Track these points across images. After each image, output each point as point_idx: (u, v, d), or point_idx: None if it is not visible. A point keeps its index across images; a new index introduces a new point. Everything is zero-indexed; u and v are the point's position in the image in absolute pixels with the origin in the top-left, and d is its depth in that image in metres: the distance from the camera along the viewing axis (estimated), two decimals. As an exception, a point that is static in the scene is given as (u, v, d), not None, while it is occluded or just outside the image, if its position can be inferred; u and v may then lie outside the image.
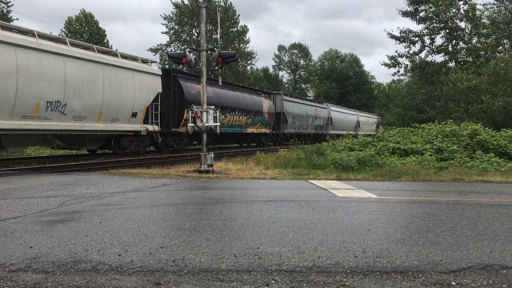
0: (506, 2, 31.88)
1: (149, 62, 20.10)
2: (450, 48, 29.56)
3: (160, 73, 20.46)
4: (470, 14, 28.06)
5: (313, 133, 38.22)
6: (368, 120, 58.99)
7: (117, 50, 18.88)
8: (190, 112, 12.21)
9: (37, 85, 13.94)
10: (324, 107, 43.90)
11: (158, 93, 19.89)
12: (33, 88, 13.83)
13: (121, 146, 18.85)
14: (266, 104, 30.91)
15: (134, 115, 18.39)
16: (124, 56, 18.41)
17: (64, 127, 15.24)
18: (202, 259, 3.92)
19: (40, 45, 14.02)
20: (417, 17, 30.08)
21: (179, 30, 51.68)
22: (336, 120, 45.47)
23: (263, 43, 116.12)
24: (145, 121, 19.32)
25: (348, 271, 3.66)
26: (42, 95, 14.17)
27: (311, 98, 62.14)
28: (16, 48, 13.26)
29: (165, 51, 50.66)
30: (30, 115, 13.95)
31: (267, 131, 31.24)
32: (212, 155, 12.21)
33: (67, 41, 15.63)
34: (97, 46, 17.62)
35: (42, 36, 14.59)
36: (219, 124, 12.48)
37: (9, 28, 13.72)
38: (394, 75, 40.61)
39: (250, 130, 28.59)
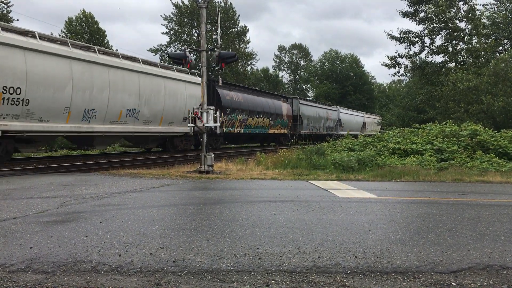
0: (507, 3, 31.89)
1: (195, 74, 23.41)
2: (450, 49, 29.56)
3: (200, 81, 22.74)
4: (470, 15, 28.06)
5: (324, 133, 41.11)
6: (372, 121, 60.69)
7: (174, 66, 21.60)
8: (190, 112, 12.21)
9: (121, 96, 17.69)
10: (334, 110, 46.82)
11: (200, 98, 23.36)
12: (118, 98, 17.53)
13: (174, 145, 22.36)
14: (284, 107, 34.11)
15: (185, 119, 21.13)
16: (179, 70, 22.02)
17: (137, 130, 19.04)
18: (202, 260, 3.91)
19: (123, 64, 17.90)
20: (417, 17, 30.08)
21: (179, 30, 51.70)
22: (344, 121, 48.38)
23: (262, 44, 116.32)
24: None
25: (348, 272, 3.66)
26: (124, 104, 17.96)
27: (316, 101, 63.51)
28: (109, 68, 16.99)
29: (165, 51, 50.68)
30: (115, 120, 17.66)
31: (286, 131, 34.26)
32: (212, 156, 12.21)
33: (140, 60, 19.59)
34: (160, 63, 22.12)
35: (124, 56, 18.55)
36: (219, 124, 12.48)
37: (104, 52, 17.66)
38: (394, 76, 40.72)
39: (272, 131, 31.91)
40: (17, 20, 35.51)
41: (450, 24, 28.54)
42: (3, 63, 12.82)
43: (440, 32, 29.46)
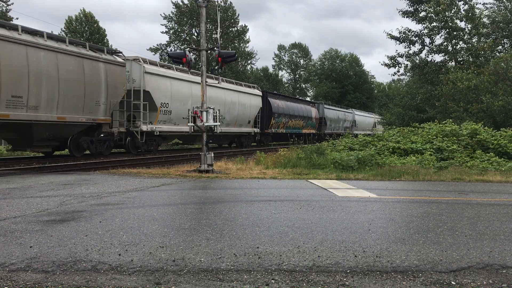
0: (506, 2, 31.86)
1: (255, 87, 31.07)
2: (449, 48, 29.55)
3: (261, 94, 30.90)
4: (470, 14, 28.05)
5: (343, 132, 45.00)
6: (380, 121, 62.80)
7: (242, 83, 28.95)
8: (189, 111, 12.21)
9: (220, 107, 22.17)
10: (350, 112, 53.67)
11: (260, 107, 30.34)
12: (215, 108, 23.71)
13: (240, 142, 28.94)
14: (313, 111, 40.96)
15: (249, 122, 29.13)
16: (246, 86, 29.60)
17: (222, 130, 23.33)
18: (202, 259, 3.92)
19: (222, 85, 25.19)
20: (417, 17, 30.06)
21: (179, 29, 51.66)
22: (358, 122, 55.14)
23: (262, 43, 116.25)
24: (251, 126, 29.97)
25: (348, 271, 3.66)
26: (220, 112, 22.99)
27: (336, 105, 66.25)
28: (211, 87, 21.66)
29: (165, 50, 50.66)
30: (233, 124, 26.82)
31: (314, 131, 40.88)
32: (212, 155, 12.20)
33: (224, 80, 26.83)
34: (235, 81, 29.29)
35: (213, 77, 24.02)
36: (219, 124, 12.48)
37: (209, 77, 22.17)
38: (393, 75, 40.77)
39: (304, 131, 37.93)
40: (17, 18, 35.36)
41: (450, 23, 28.52)
42: (161, 86, 20.40)
43: (440, 32, 29.45)
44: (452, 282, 3.43)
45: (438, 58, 36.97)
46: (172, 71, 21.40)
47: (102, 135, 18.26)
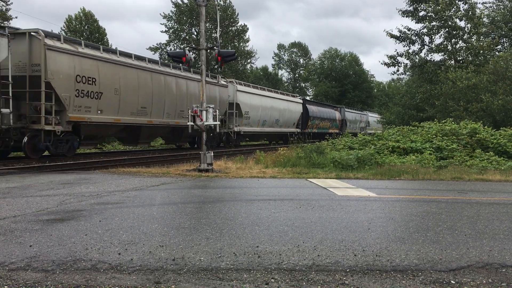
0: (506, 1, 31.86)
1: (298, 96, 41.23)
2: (449, 47, 29.54)
3: (302, 102, 39.03)
4: (470, 13, 28.04)
5: (359, 132, 50.14)
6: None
7: (290, 93, 38.97)
8: (189, 110, 12.20)
9: (275, 113, 32.74)
10: (364, 114, 61.04)
11: (301, 112, 38.03)
12: (274, 114, 32.68)
13: (288, 140, 29.38)
14: (337, 114, 48.43)
15: (293, 124, 36.76)
16: (292, 95, 39.05)
17: (275, 131, 34.18)
18: (202, 258, 3.92)
19: (279, 96, 34.68)
20: (417, 16, 30.04)
21: (179, 29, 51.63)
22: (371, 122, 60.97)
23: (261, 42, 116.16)
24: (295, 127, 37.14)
25: (347, 270, 3.66)
26: (276, 117, 32.96)
27: (355, 108, 69.38)
28: (274, 99, 32.76)
29: (165, 50, 50.64)
30: (271, 125, 32.42)
31: (337, 131, 46.40)
32: (212, 154, 12.20)
33: (279, 92, 37.50)
34: (284, 92, 39.85)
35: (273, 91, 35.53)
36: (219, 123, 12.48)
37: (272, 91, 35.25)
38: (393, 74, 40.82)
39: (330, 130, 44.15)
40: (16, 17, 35.43)
41: (449, 22, 28.51)
42: (245, 100, 28.19)
43: (440, 31, 29.44)
44: (452, 281, 3.44)
45: (437, 57, 37.00)
46: (249, 88, 30.12)
47: (211, 134, 20.36)
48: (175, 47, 50.18)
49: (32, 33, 14.39)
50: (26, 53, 14.21)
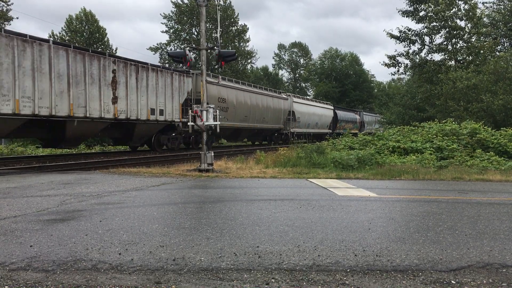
0: (506, 1, 31.83)
1: (329, 103, 48.29)
2: (449, 47, 29.54)
3: (333, 108, 47.29)
4: (471, 13, 28.04)
5: (373, 131, 51.51)
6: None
7: (325, 102, 48.53)
8: (190, 111, 12.20)
9: (315, 118, 41.14)
10: (378, 116, 68.52)
11: (332, 117, 46.15)
12: (315, 119, 41.44)
13: (323, 138, 32.34)
14: (357, 116, 56.69)
15: (327, 126, 44.52)
16: (327, 103, 47.00)
17: (316, 131, 41.09)
18: (202, 258, 3.92)
19: (319, 104, 43.73)
20: (417, 16, 30.04)
21: (179, 29, 51.65)
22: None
23: (260, 42, 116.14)
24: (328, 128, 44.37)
25: (348, 270, 3.66)
26: (316, 120, 41.53)
27: (371, 111, 73.49)
28: (318, 108, 42.54)
29: (165, 50, 50.65)
30: (313, 127, 40.77)
31: (357, 131, 51.41)
32: (212, 154, 12.20)
33: (318, 101, 46.43)
34: (320, 100, 48.27)
35: (315, 100, 45.47)
36: (219, 123, 12.48)
37: (317, 101, 45.98)
38: (393, 75, 40.91)
39: (352, 131, 48.98)
40: (17, 18, 35.38)
41: (449, 22, 28.51)
42: (298, 109, 37.46)
43: (440, 31, 29.44)
44: (452, 281, 3.44)
45: (438, 57, 37.00)
46: (300, 99, 40.39)
47: (276, 134, 34.72)
48: (175, 47, 50.20)
49: (197, 73, 23.03)
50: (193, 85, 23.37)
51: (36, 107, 14.26)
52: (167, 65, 34.82)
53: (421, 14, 29.97)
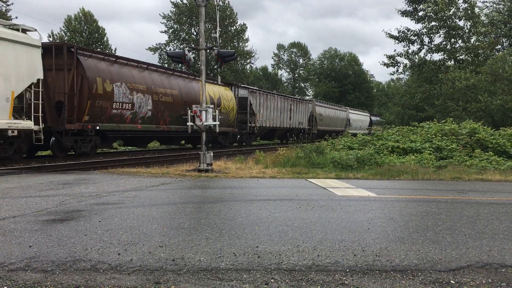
0: (505, 1, 31.87)
1: (344, 106, 54.67)
2: (448, 47, 29.57)
3: (346, 110, 52.74)
4: (470, 12, 28.07)
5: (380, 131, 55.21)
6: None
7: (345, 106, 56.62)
8: (189, 111, 12.20)
9: (334, 118, 48.65)
10: (378, 116, 74.11)
11: (348, 119, 52.14)
12: (332, 119, 48.05)
13: (338, 135, 34.91)
14: (368, 118, 61.88)
15: (341, 125, 48.76)
16: (340, 106, 55.33)
17: (332, 129, 42.24)
18: (202, 258, 3.92)
19: (336, 107, 51.61)
20: (416, 16, 30.08)
21: (178, 29, 51.63)
22: None
23: (258, 42, 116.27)
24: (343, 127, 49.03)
25: (347, 270, 3.66)
26: (334, 120, 48.21)
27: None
28: (335, 110, 50.49)
29: (164, 50, 50.64)
30: (329, 125, 45.97)
31: (367, 131, 56.10)
32: (212, 154, 12.20)
33: (340, 106, 55.50)
34: (338, 105, 57.19)
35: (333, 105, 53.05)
36: (218, 123, 12.48)
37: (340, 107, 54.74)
38: (392, 74, 40.98)
39: (362, 130, 55.42)
40: (16, 17, 35.30)
41: (449, 22, 28.54)
42: (318, 111, 43.16)
43: (439, 31, 29.48)
44: (451, 281, 3.44)
45: (437, 57, 37.05)
46: (320, 103, 45.65)
47: (301, 132, 38.87)
48: (174, 47, 50.18)
49: (315, 101, 44.18)
50: (313, 107, 42.21)
51: (271, 123, 32.87)
52: (166, 65, 34.91)
53: (420, 14, 30.01)
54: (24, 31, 14.40)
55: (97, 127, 16.76)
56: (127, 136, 20.22)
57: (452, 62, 29.78)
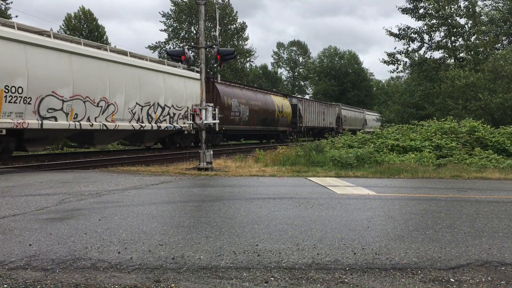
0: (508, 2, 31.84)
1: (361, 108, 59.73)
2: (449, 45, 29.55)
3: (363, 111, 58.47)
4: (471, 10, 28.05)
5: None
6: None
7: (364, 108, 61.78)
8: (189, 109, 12.20)
9: (354, 119, 55.63)
10: (378, 114, 76.43)
11: (363, 118, 58.23)
12: (352, 119, 55.34)
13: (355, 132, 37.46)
14: (361, 115, 61.91)
15: (359, 125, 53.50)
16: (357, 108, 59.33)
17: (353, 128, 45.96)
18: (202, 257, 3.92)
19: (355, 109, 57.53)
20: (417, 14, 30.06)
21: (178, 27, 51.57)
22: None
23: (257, 41, 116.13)
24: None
25: (347, 268, 3.66)
26: (356, 120, 56.19)
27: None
28: (354, 112, 57.15)
29: (164, 48, 50.59)
30: (351, 125, 51.08)
31: (361, 128, 59.55)
32: (211, 153, 12.20)
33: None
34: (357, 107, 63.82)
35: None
36: (218, 121, 12.47)
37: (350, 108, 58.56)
38: (392, 72, 41.14)
39: (373, 128, 61.38)
40: (16, 16, 35.18)
41: (449, 20, 28.51)
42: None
43: (440, 29, 29.46)
44: (451, 279, 3.44)
45: (437, 55, 37.05)
46: (346, 106, 50.49)
47: (331, 130, 42.66)
48: (174, 46, 50.13)
49: (340, 105, 51.16)
50: (339, 110, 50.64)
51: (312, 124, 40.18)
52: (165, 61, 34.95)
53: (420, 11, 30.00)
54: (193, 70, 21.94)
55: (224, 128, 24.08)
56: (235, 134, 28.87)
57: (452, 60, 29.76)
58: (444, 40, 29.61)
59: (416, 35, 30.26)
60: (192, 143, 23.60)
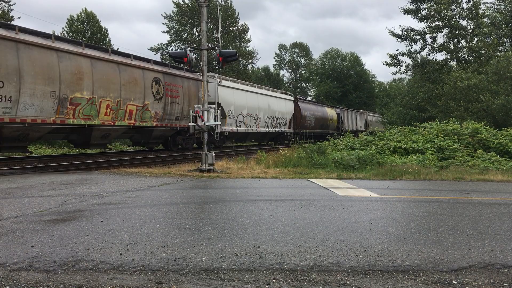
0: (507, 1, 31.78)
1: (364, 111, 60.99)
2: (451, 47, 29.51)
3: (366, 113, 60.43)
4: (474, 11, 28.01)
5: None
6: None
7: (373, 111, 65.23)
8: (191, 111, 12.21)
9: (355, 121, 55.97)
10: (380, 116, 78.58)
11: (365, 120, 59.56)
12: (356, 121, 56.58)
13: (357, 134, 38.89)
14: (362, 116, 64.21)
15: (361, 126, 54.89)
16: (359, 110, 60.34)
17: (358, 129, 51.17)
18: (203, 258, 3.92)
19: (374, 114, 65.29)
20: (419, 15, 30.04)
21: (180, 29, 51.64)
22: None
23: (258, 42, 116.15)
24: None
25: (349, 270, 3.66)
26: (356, 123, 55.94)
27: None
28: (362, 114, 61.57)
29: (166, 50, 50.67)
30: (354, 127, 52.80)
31: (363, 129, 63.94)
32: (213, 154, 12.21)
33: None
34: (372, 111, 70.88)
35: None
36: (220, 123, 12.48)
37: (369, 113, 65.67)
38: (394, 74, 41.11)
39: (375, 129, 62.17)
40: (19, 18, 35.41)
41: (452, 22, 28.48)
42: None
43: (442, 30, 29.42)
44: (454, 282, 3.43)
45: (440, 57, 36.98)
46: (369, 112, 58.07)
47: (333, 133, 44.56)
48: (176, 48, 50.21)
49: (368, 112, 62.45)
50: (367, 117, 61.40)
51: (349, 127, 46.76)
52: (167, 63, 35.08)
53: (423, 12, 29.97)
54: (286, 93, 35.36)
55: (302, 131, 35.50)
56: (308, 134, 35.30)
57: (455, 62, 29.72)
58: (446, 42, 29.58)
59: (418, 37, 30.24)
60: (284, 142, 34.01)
